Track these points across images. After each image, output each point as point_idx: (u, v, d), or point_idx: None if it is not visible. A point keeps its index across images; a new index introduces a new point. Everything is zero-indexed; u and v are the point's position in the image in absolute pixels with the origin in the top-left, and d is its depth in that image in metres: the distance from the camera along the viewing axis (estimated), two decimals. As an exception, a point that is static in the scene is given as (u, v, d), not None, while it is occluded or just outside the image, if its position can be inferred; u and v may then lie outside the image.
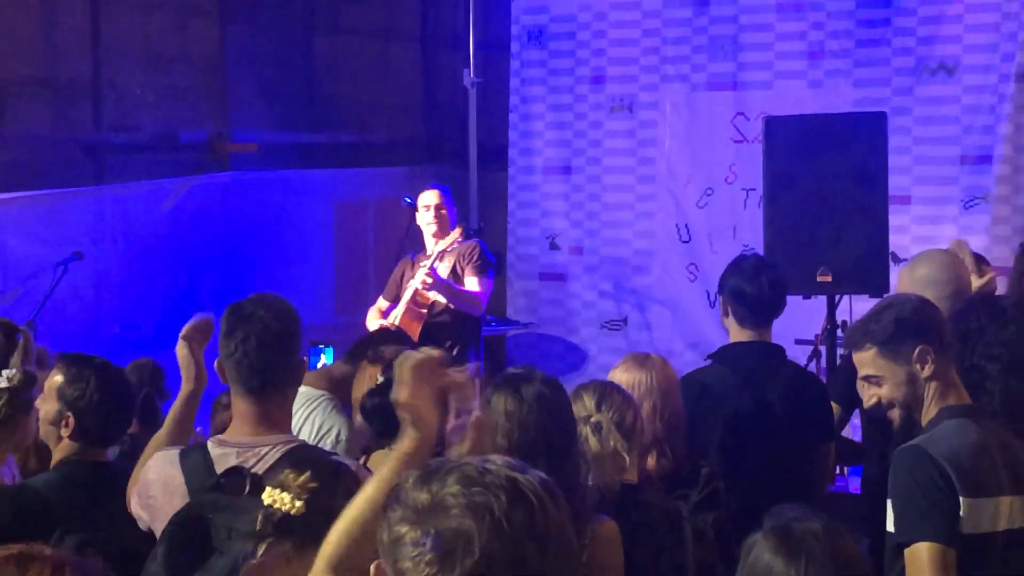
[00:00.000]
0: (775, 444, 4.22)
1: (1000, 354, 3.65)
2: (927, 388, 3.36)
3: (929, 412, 3.35)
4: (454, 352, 6.79)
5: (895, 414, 3.42)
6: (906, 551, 3.13)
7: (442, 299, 6.77)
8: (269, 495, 2.74)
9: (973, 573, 2.99)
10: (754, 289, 4.57)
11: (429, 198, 6.94)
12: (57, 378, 3.82)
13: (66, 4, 8.62)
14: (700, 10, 8.36)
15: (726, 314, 4.72)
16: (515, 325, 8.86)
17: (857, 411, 4.48)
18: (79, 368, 3.84)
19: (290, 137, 9.43)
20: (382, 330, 6.35)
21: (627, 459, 3.60)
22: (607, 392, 3.71)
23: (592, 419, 3.54)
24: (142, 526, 3.43)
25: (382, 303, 6.99)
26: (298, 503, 2.64)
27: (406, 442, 2.33)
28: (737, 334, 4.67)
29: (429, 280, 6.66)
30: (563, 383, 3.46)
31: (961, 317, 3.83)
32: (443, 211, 6.89)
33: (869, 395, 3.48)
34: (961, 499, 3.14)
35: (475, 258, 7.05)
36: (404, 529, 1.56)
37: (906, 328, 3.37)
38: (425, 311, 6.87)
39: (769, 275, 4.65)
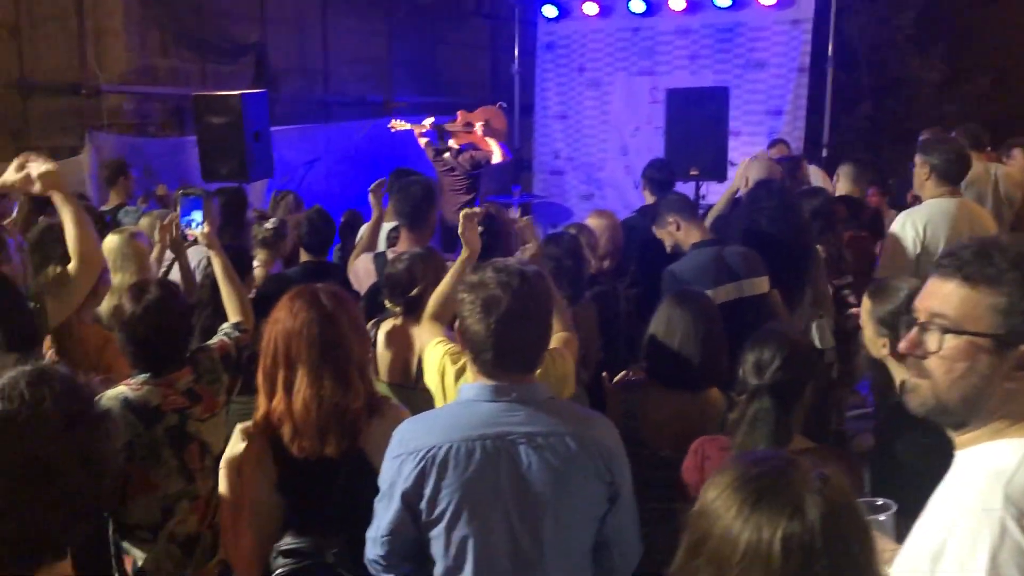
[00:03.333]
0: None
1: (767, 215, 4.14)
2: (684, 235, 4.00)
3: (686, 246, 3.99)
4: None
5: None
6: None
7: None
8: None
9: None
10: (662, 176, 5.59)
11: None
12: (300, 218, 4.57)
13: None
14: (633, 34, 9.92)
15: (643, 187, 5.68)
16: (538, 197, 10.00)
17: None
18: (307, 213, 4.56)
19: (424, 99, 10.90)
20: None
21: (592, 262, 4.21)
22: (583, 228, 4.30)
23: None
24: (356, 287, 4.04)
25: None
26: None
27: (464, 253, 2.92)
28: (648, 198, 5.53)
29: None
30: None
31: (755, 194, 4.33)
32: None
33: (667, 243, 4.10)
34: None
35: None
36: (464, 295, 2.00)
37: (663, 209, 4.11)
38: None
39: (668, 171, 5.72)
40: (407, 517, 1.95)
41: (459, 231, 2.93)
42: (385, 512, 1.98)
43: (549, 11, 10.21)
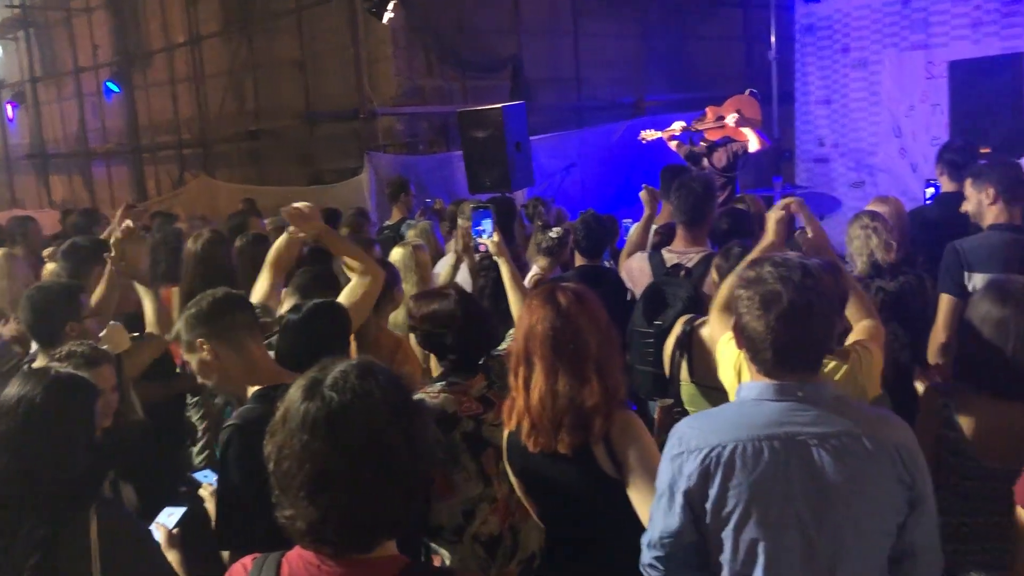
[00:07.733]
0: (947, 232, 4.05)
1: None
2: (988, 211, 3.75)
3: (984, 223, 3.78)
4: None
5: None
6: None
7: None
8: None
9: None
10: (962, 159, 4.77)
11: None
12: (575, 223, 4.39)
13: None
14: (903, 7, 9.36)
15: (939, 173, 4.95)
16: (802, 187, 9.92)
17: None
18: (582, 217, 4.39)
19: (676, 96, 10.91)
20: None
21: (889, 250, 3.75)
22: (876, 216, 3.88)
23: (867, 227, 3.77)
24: (629, 286, 4.04)
25: None
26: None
27: (764, 241, 2.87)
28: (946, 185, 4.88)
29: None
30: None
31: None
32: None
33: None
34: (964, 272, 3.51)
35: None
36: (741, 292, 1.91)
37: (989, 172, 3.80)
38: None
39: (968, 152, 4.88)
40: (689, 518, 1.87)
41: (767, 215, 2.87)
42: (665, 513, 1.90)
43: (807, -8, 9.72)
